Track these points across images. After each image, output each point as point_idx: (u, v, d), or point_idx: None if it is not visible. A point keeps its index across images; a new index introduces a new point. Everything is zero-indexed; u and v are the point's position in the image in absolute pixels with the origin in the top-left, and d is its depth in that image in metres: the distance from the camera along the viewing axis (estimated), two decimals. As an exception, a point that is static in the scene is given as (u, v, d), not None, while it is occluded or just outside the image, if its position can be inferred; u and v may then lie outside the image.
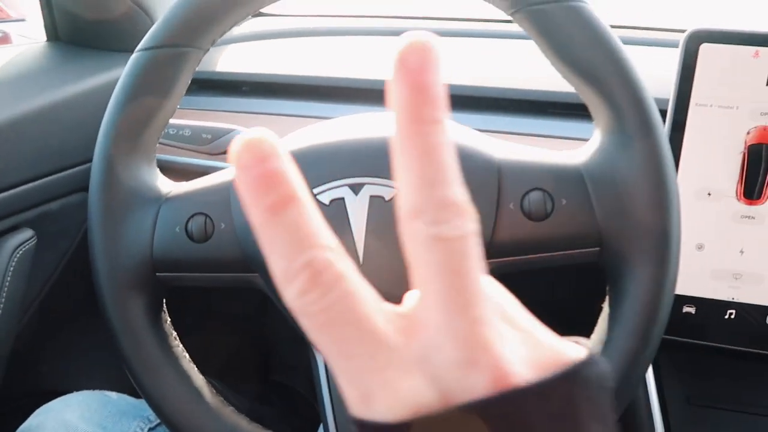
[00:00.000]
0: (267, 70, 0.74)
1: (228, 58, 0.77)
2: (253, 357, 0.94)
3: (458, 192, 0.18)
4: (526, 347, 0.18)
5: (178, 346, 0.44)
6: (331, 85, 0.70)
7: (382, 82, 0.68)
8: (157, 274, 0.42)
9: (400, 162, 0.18)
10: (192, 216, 0.42)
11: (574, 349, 0.19)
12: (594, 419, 0.17)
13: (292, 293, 0.17)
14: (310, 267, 0.17)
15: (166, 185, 0.44)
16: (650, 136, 0.36)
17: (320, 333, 0.17)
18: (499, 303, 0.19)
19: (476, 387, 0.16)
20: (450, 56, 0.76)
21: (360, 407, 0.17)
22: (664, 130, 0.37)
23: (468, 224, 0.18)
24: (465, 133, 0.41)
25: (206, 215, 0.41)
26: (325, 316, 0.17)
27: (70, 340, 0.80)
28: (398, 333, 0.18)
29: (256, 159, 0.17)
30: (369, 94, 0.68)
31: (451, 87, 0.69)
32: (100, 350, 0.77)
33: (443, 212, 0.17)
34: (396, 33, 0.76)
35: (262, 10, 0.96)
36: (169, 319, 0.45)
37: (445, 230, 0.17)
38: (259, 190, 0.17)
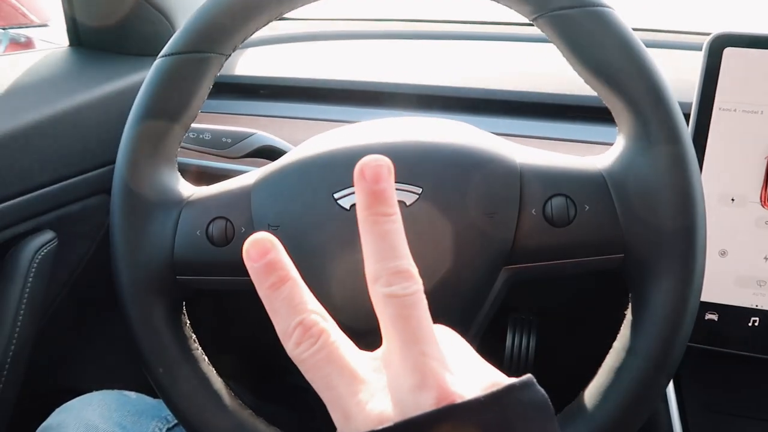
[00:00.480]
0: (285, 73, 0.74)
1: (247, 62, 0.78)
2: (271, 360, 0.94)
3: (405, 263, 0.24)
4: (467, 374, 0.24)
5: (197, 349, 0.44)
6: (348, 88, 0.70)
7: (400, 86, 0.68)
8: (178, 277, 0.42)
9: (364, 243, 0.25)
10: (213, 220, 0.42)
11: (507, 378, 0.24)
12: None
13: (290, 345, 0.24)
14: (301, 325, 0.24)
15: (186, 189, 0.45)
16: (676, 142, 0.36)
17: (310, 372, 0.24)
18: (447, 342, 0.26)
19: (426, 404, 0.22)
20: (470, 60, 0.76)
21: (342, 423, 0.23)
22: (689, 137, 0.37)
23: (413, 285, 0.24)
24: (487, 138, 0.41)
25: (227, 219, 0.42)
26: (314, 359, 0.24)
27: (89, 340, 0.81)
28: (371, 370, 0.24)
29: (260, 253, 0.24)
30: (388, 98, 0.68)
31: (474, 91, 0.69)
32: (120, 350, 0.78)
33: (394, 277, 0.24)
34: (416, 36, 0.76)
35: (280, 14, 0.97)
36: (188, 322, 0.45)
37: (395, 290, 0.24)
38: (264, 274, 0.24)
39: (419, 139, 0.40)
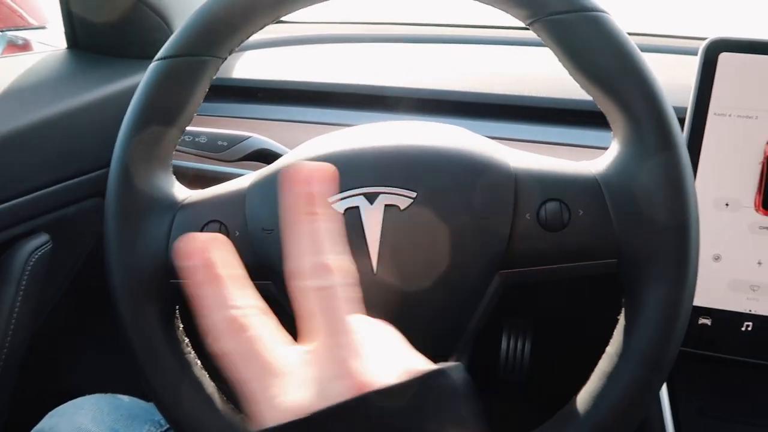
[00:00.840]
0: (282, 77, 0.74)
1: (243, 65, 0.78)
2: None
3: (329, 258, 0.25)
4: (386, 363, 0.24)
5: (191, 353, 0.44)
6: (345, 91, 0.70)
7: (397, 90, 0.69)
8: (172, 281, 0.42)
9: (290, 240, 0.26)
10: (207, 223, 0.42)
11: (427, 365, 0.25)
12: (441, 418, 0.23)
13: (209, 341, 0.25)
14: (221, 322, 0.25)
15: (181, 192, 0.45)
16: (670, 148, 0.36)
17: (227, 368, 0.25)
18: (370, 333, 0.25)
19: (345, 393, 0.22)
20: (466, 63, 0.76)
21: (255, 418, 0.24)
22: (683, 142, 0.37)
23: (335, 279, 0.25)
24: (482, 142, 0.41)
25: (221, 222, 0.42)
26: (230, 355, 0.24)
27: (83, 343, 0.81)
28: (298, 364, 0.24)
29: (188, 254, 0.26)
30: (383, 101, 0.68)
31: (469, 95, 0.69)
32: (113, 354, 0.78)
33: (318, 271, 0.25)
34: (412, 40, 0.76)
35: (277, 18, 0.97)
36: (181, 326, 0.45)
37: (318, 283, 0.25)
38: (192, 274, 0.26)
39: (414, 144, 0.40)
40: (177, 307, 0.45)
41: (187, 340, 0.45)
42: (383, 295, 0.39)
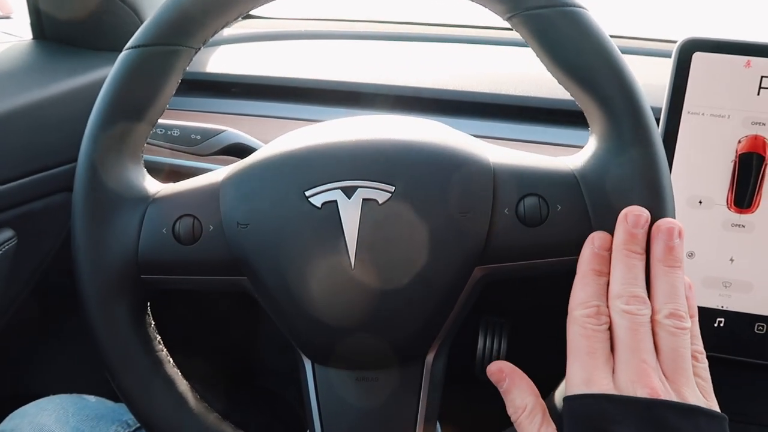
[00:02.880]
0: (257, 72, 0.73)
1: (218, 60, 0.76)
2: (238, 362, 0.93)
3: (641, 291, 0.34)
4: (675, 386, 0.33)
5: (162, 350, 0.43)
6: (320, 87, 0.69)
7: (374, 86, 0.68)
8: (142, 276, 0.41)
9: (613, 269, 0.35)
10: (180, 217, 0.41)
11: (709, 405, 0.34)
12: None
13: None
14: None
15: (153, 186, 0.43)
16: (646, 143, 0.36)
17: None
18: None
19: (641, 394, 0.31)
20: (445, 61, 0.76)
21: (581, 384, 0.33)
22: (659, 137, 0.37)
23: (644, 309, 0.33)
24: (460, 137, 0.41)
25: (194, 217, 0.41)
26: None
27: (50, 342, 0.79)
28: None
29: None
30: (360, 98, 0.68)
31: (448, 92, 0.69)
32: (80, 354, 0.76)
33: (632, 299, 0.33)
34: (390, 38, 0.75)
35: (253, 13, 0.96)
36: (153, 323, 0.44)
37: (632, 309, 0.33)
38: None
39: (392, 138, 0.40)
40: (148, 303, 0.43)
41: (159, 337, 0.44)
42: (361, 291, 0.38)
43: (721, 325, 0.55)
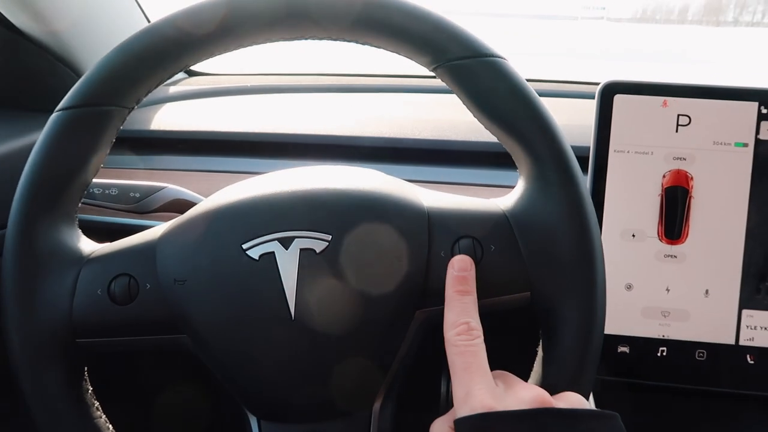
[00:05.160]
0: (202, 127, 0.73)
1: (164, 117, 0.76)
2: (184, 424, 0.89)
3: (473, 322, 0.37)
4: (507, 398, 0.35)
5: (101, 417, 0.41)
6: (261, 140, 0.70)
7: (311, 137, 0.70)
8: (78, 340, 0.40)
9: (447, 305, 0.38)
10: (115, 277, 0.40)
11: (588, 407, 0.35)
12: None
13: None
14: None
15: (88, 246, 0.42)
16: (569, 183, 0.38)
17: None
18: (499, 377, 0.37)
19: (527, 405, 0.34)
20: (377, 110, 0.78)
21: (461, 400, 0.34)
22: (582, 175, 0.39)
23: (475, 338, 0.36)
24: (394, 183, 0.42)
25: (130, 275, 0.40)
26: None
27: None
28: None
29: None
30: (298, 149, 0.69)
31: (379, 140, 0.71)
32: (16, 424, 0.72)
33: (461, 328, 0.37)
34: (325, 90, 0.77)
35: (195, 69, 0.97)
36: (90, 389, 0.42)
37: (462, 338, 0.36)
38: None
39: (328, 187, 0.41)
40: (85, 368, 0.42)
41: (97, 404, 0.42)
42: (302, 343, 0.38)
43: (664, 354, 0.57)
